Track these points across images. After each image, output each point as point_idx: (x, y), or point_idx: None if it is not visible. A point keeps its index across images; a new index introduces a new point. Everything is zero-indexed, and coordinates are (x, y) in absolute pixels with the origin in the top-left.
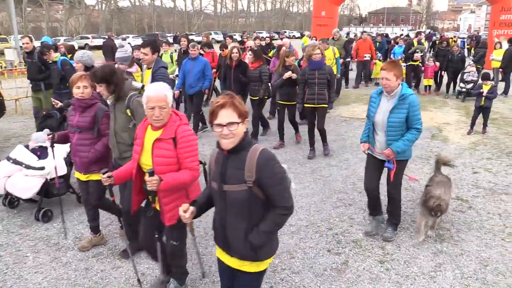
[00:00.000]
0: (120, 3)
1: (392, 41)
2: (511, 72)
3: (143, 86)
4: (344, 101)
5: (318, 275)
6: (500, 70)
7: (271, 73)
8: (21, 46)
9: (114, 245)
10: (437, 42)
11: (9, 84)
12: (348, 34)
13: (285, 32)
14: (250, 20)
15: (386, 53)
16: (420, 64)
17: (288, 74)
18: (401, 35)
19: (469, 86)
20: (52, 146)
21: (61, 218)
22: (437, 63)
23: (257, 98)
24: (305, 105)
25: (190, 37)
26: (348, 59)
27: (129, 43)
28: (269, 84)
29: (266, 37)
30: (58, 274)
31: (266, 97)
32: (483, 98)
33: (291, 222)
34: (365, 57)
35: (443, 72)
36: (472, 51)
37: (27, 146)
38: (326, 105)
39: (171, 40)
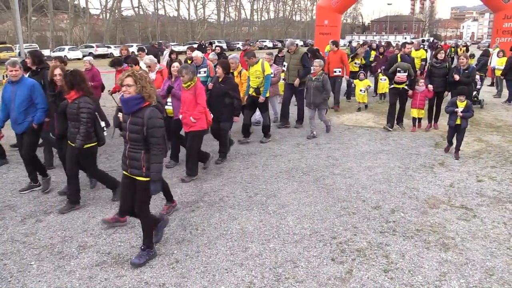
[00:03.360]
0: (124, 12)
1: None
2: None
3: None
4: (348, 109)
5: (322, 284)
6: (502, 77)
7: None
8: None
9: (118, 253)
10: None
11: None
12: (350, 42)
13: (238, 43)
14: (253, 28)
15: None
16: (406, 87)
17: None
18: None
19: (473, 93)
20: None
21: None
22: (430, 86)
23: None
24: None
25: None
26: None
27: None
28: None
29: (216, 46)
30: (62, 282)
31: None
32: (458, 117)
33: (295, 231)
34: (335, 72)
35: (445, 94)
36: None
37: None
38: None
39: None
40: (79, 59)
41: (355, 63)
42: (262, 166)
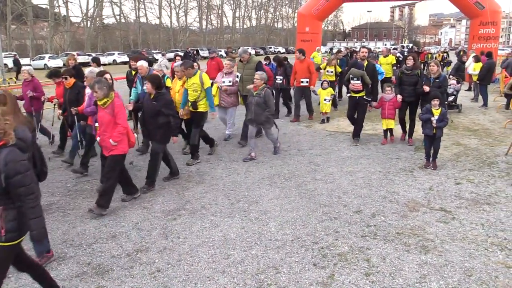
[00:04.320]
0: (105, 20)
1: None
2: (487, 85)
3: None
4: (331, 115)
5: None
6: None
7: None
8: (5, 64)
9: (98, 264)
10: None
11: None
12: (331, 49)
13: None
14: (235, 36)
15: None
16: (365, 98)
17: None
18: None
19: (451, 98)
20: None
21: None
22: (399, 97)
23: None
24: None
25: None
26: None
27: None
28: None
29: (177, 55)
30: None
31: None
32: (434, 127)
33: (277, 237)
34: (302, 82)
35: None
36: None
37: None
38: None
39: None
40: (59, 67)
41: (328, 71)
42: (244, 173)
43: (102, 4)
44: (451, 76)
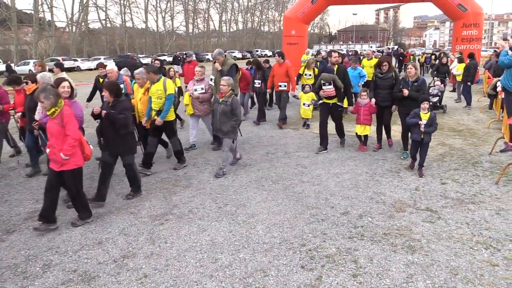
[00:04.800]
0: (91, 24)
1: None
2: (471, 86)
3: None
4: (317, 118)
5: None
6: (468, 83)
7: None
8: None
9: (85, 271)
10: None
11: None
12: (318, 52)
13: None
14: (222, 39)
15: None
16: (338, 104)
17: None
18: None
19: (435, 99)
20: None
21: None
22: (373, 100)
23: None
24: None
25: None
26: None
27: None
28: None
29: (156, 59)
30: None
31: None
32: (422, 132)
33: (265, 240)
34: (280, 86)
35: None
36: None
37: None
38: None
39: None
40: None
41: (306, 74)
42: (232, 176)
43: (88, 9)
44: (435, 78)
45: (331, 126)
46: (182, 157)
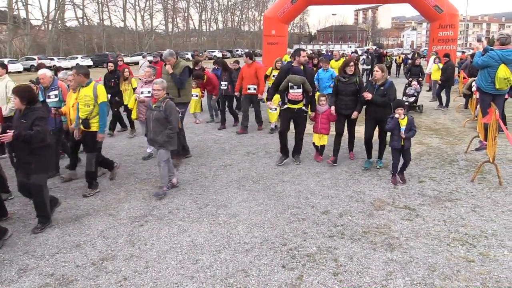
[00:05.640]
0: (68, 23)
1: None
2: (451, 86)
3: None
4: None
5: None
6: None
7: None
8: None
9: (62, 274)
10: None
11: None
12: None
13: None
14: (202, 39)
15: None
16: (304, 109)
17: None
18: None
19: (411, 99)
20: None
21: None
22: (332, 108)
23: None
24: None
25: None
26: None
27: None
28: None
29: (109, 63)
30: None
31: None
32: (403, 139)
33: (246, 240)
34: (249, 89)
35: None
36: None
37: None
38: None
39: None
40: (19, 72)
41: (274, 76)
42: (212, 177)
43: (64, 7)
44: (410, 78)
45: (309, 126)
46: (93, 181)
